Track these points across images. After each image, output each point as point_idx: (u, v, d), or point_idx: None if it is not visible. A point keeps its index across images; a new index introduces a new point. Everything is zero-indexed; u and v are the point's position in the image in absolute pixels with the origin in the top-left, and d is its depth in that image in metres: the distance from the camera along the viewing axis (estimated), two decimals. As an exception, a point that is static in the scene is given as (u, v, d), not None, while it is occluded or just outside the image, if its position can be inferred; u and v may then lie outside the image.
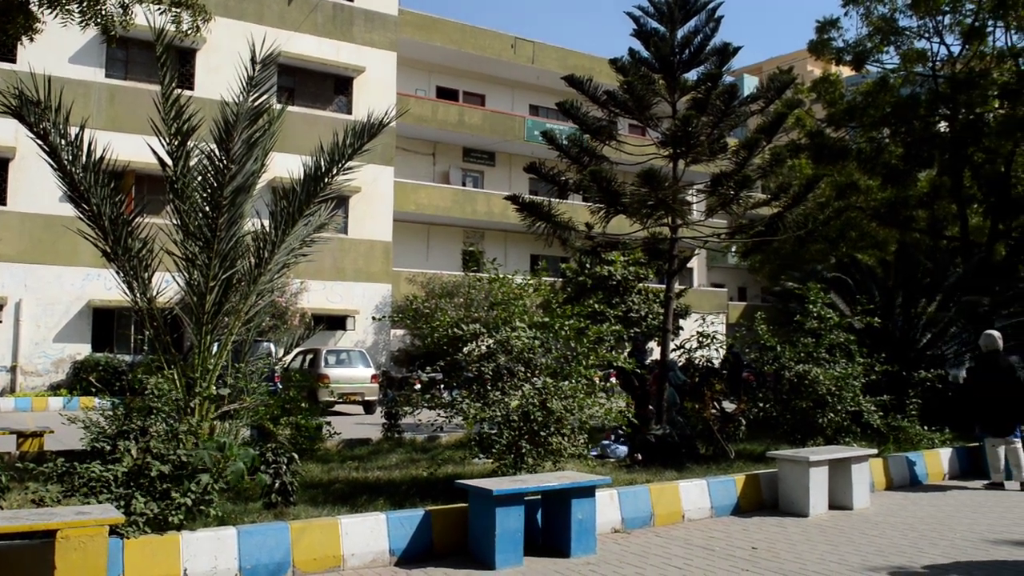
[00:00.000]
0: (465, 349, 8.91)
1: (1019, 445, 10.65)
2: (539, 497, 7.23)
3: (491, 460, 8.35)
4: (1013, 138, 20.20)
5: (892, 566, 6.65)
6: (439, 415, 8.76)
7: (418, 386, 9.79)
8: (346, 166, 8.99)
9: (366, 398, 21.08)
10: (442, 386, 10.74)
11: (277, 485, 7.11)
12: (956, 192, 22.42)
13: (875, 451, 10.07)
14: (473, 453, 8.81)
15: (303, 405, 10.36)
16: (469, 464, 9.50)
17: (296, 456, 7.42)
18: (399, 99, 30.10)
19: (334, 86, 29.88)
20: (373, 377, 21.56)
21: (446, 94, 36.08)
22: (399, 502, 7.51)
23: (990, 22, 21.53)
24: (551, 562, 6.73)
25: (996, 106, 21.50)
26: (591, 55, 37.04)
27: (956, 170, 21.92)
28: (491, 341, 8.51)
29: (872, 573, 6.43)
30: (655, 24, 12.25)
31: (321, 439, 10.77)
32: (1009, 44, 21.97)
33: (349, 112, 29.01)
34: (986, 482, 10.80)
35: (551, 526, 7.13)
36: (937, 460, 11.27)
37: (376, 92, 29.34)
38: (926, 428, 12.01)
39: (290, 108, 25.97)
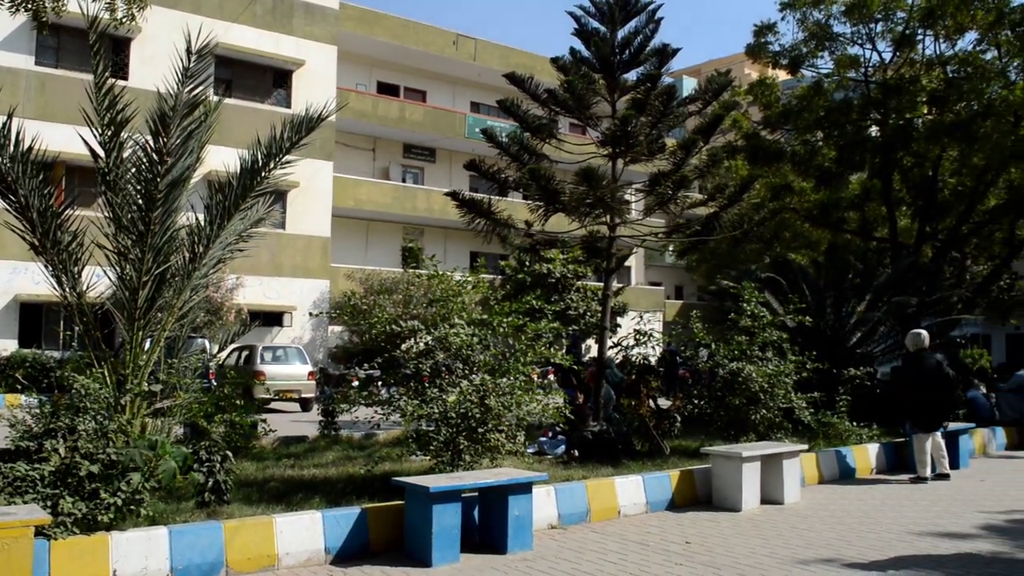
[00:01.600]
0: (404, 346, 8.89)
1: (941, 438, 11.02)
2: (476, 494, 7.24)
3: (428, 457, 8.34)
4: (940, 143, 20.78)
5: (820, 559, 6.81)
6: (376, 412, 8.72)
7: (356, 383, 9.72)
8: (284, 160, 8.89)
9: (303, 395, 20.85)
10: (380, 383, 10.68)
11: (210, 484, 7.00)
12: (886, 195, 22.99)
13: (806, 447, 10.31)
14: (410, 450, 8.78)
15: (238, 402, 10.21)
16: (406, 462, 9.47)
17: (230, 454, 7.32)
18: (339, 93, 29.83)
19: (273, 79, 29.50)
20: (310, 374, 21.34)
21: (387, 89, 35.85)
22: (335, 500, 7.46)
23: (920, 31, 22.11)
24: (488, 559, 6.75)
25: (924, 112, 22.08)
26: (533, 53, 37.13)
27: (886, 173, 22.47)
28: (429, 338, 8.49)
29: (801, 566, 6.58)
30: (596, 24, 12.34)
31: (256, 437, 10.63)
32: (938, 52, 22.61)
33: (288, 106, 28.67)
34: (912, 476, 11.14)
35: (488, 523, 7.15)
36: (865, 455, 11.56)
37: (316, 86, 29.03)
38: (855, 424, 12.32)
39: (228, 100, 25.54)
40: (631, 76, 12.48)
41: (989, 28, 20.81)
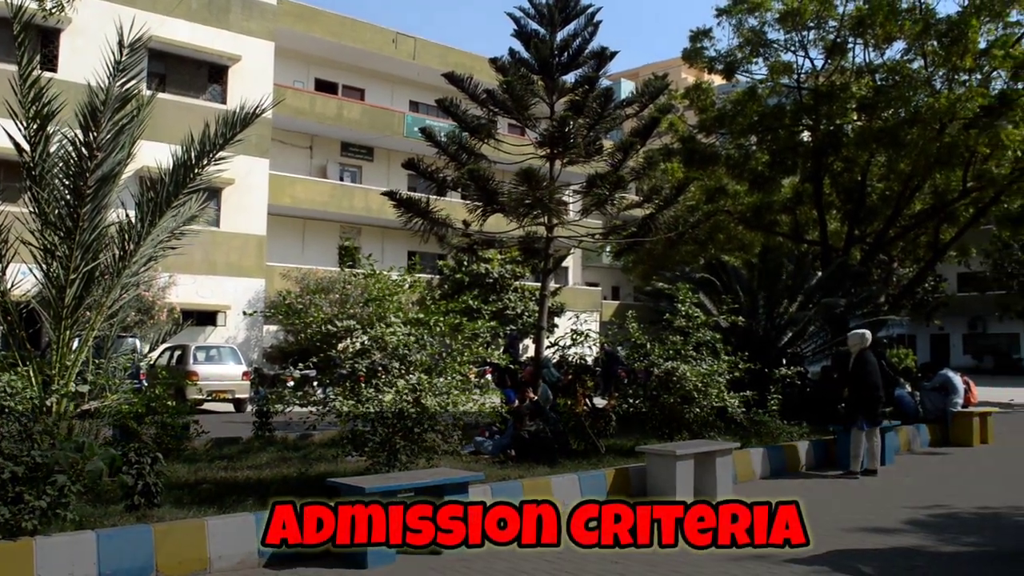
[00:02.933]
0: (340, 346, 8.81)
1: (879, 436, 11.33)
2: (413, 494, 7.21)
3: (364, 458, 8.29)
4: (869, 149, 21.32)
5: (752, 555, 6.92)
6: (312, 413, 8.63)
7: (291, 383, 9.61)
8: (218, 157, 8.74)
9: (237, 396, 20.55)
10: (315, 383, 10.58)
11: (140, 486, 6.85)
12: (817, 199, 23.51)
13: (738, 444, 10.50)
14: (346, 451, 8.72)
15: (169, 403, 10.02)
16: (342, 462, 9.39)
17: (161, 456, 7.17)
18: (276, 90, 29.41)
19: (208, 74, 28.97)
20: (244, 374, 21.04)
21: (325, 87, 35.49)
22: (269, 502, 7.36)
23: (850, 39, 22.66)
24: (424, 559, 6.73)
25: (854, 118, 22.62)
26: (472, 53, 37.09)
27: (817, 178, 22.98)
28: (365, 338, 8.44)
29: (731, 562, 6.70)
30: (535, 26, 12.42)
31: (188, 438, 10.43)
32: (867, 60, 23.22)
33: (224, 102, 28.16)
34: (843, 471, 11.42)
35: (423, 523, 7.12)
36: (795, 452, 11.81)
37: (252, 82, 28.57)
38: (785, 422, 12.56)
39: (161, 95, 24.98)
40: (570, 78, 12.58)
41: (916, 38, 21.42)
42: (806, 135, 23.18)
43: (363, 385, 8.29)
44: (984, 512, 8.80)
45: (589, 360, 12.58)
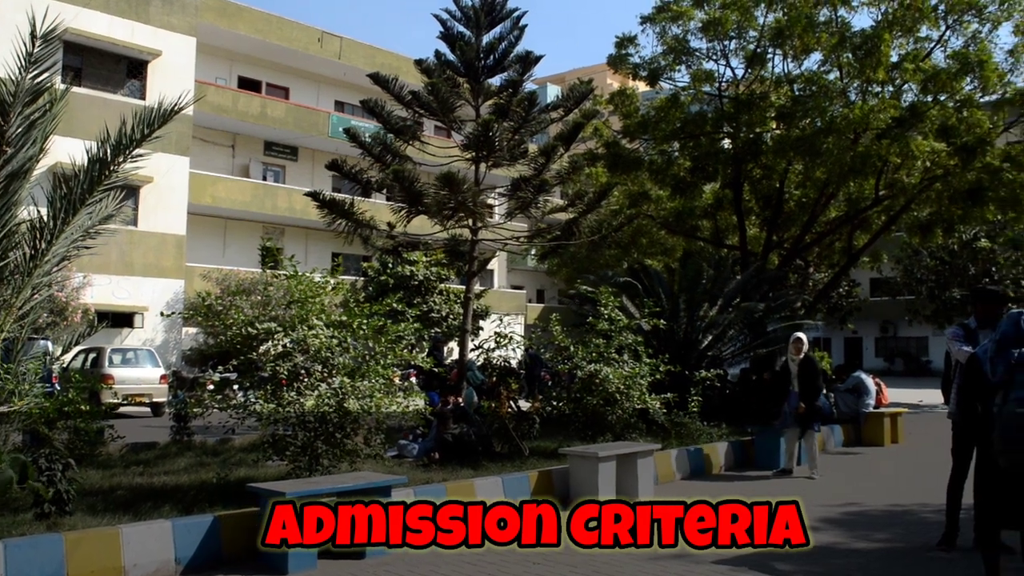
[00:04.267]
0: (261, 348, 8.69)
1: (816, 436, 11.62)
2: (335, 499, 7.15)
3: (285, 462, 8.19)
4: (786, 157, 21.81)
5: (671, 554, 7.05)
6: (231, 416, 8.49)
7: (210, 387, 9.42)
8: (136, 154, 8.52)
9: (154, 399, 20.07)
10: (236, 386, 10.40)
11: (51, 494, 6.65)
12: (737, 205, 23.97)
13: (659, 446, 10.66)
14: (267, 455, 8.60)
15: (83, 408, 9.72)
16: (263, 467, 9.25)
17: (73, 462, 6.97)
18: (197, 87, 28.85)
19: (127, 69, 28.22)
20: (162, 377, 20.55)
21: (248, 84, 34.92)
22: (187, 508, 7.22)
23: (770, 50, 23.15)
24: (346, 564, 6.68)
25: (773, 127, 23.10)
26: (399, 54, 36.95)
27: (737, 184, 23.44)
28: (287, 340, 8.34)
29: (653, 562, 6.81)
30: (462, 28, 12.43)
31: (103, 443, 10.16)
32: (786, 71, 23.75)
33: (143, 97, 27.44)
34: (777, 469, 11.73)
35: (346, 527, 7.06)
36: (715, 453, 12.04)
37: (173, 78, 27.91)
38: (705, 423, 12.81)
39: (77, 89, 24.31)
40: (495, 81, 12.63)
41: (832, 50, 22.02)
42: (727, 142, 23.60)
43: (285, 388, 8.18)
44: (894, 509, 9.11)
45: (513, 363, 12.61)
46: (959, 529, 7.24)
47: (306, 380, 8.24)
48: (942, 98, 21.85)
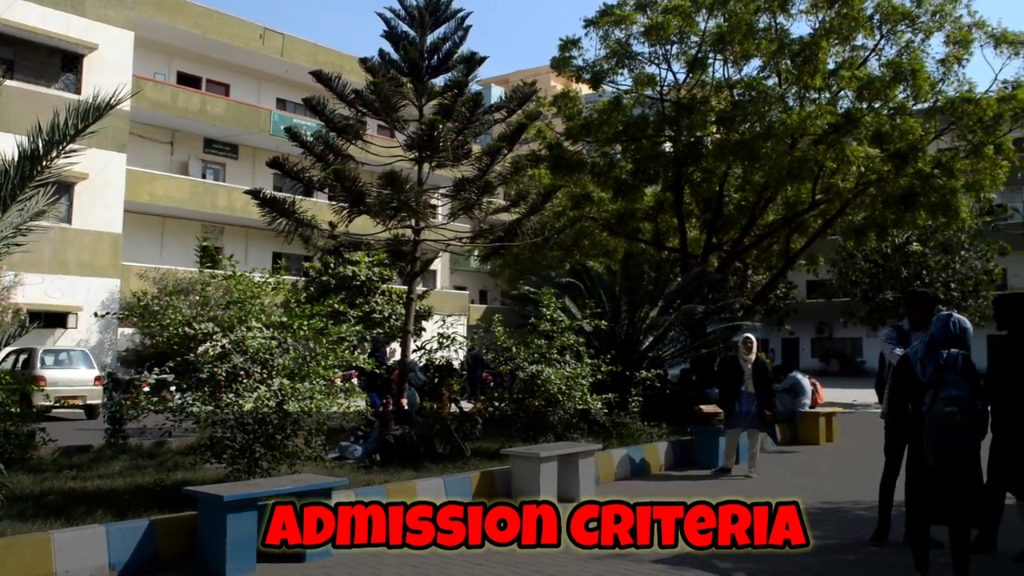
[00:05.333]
0: (200, 349, 8.55)
1: (760, 436, 11.80)
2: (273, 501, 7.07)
3: (224, 465, 8.07)
4: (726, 161, 22.14)
5: (612, 552, 7.09)
6: (168, 419, 8.34)
7: (146, 388, 9.23)
8: (69, 149, 8.31)
9: (88, 402, 19.62)
10: (173, 388, 10.21)
11: (-22, 498, 6.47)
12: (677, 207, 24.25)
13: (600, 446, 10.74)
14: (205, 458, 8.46)
15: (13, 410, 9.47)
16: (200, 470, 9.10)
17: (2, 467, 6.79)
18: (135, 82, 28.27)
19: (62, 62, 27.50)
20: (96, 379, 20.08)
21: (188, 80, 34.32)
22: (122, 513, 7.06)
23: (711, 55, 23.48)
24: (285, 567, 6.61)
25: (713, 131, 23.44)
26: (342, 52, 36.66)
27: (678, 187, 23.71)
28: (226, 341, 8.21)
29: (594, 560, 6.86)
30: (406, 28, 12.37)
31: (34, 447, 9.92)
32: (726, 76, 24.11)
33: (78, 92, 26.75)
34: (716, 468, 11.90)
35: (286, 530, 6.99)
36: (655, 453, 12.17)
37: (110, 72, 27.26)
38: (646, 423, 12.94)
39: (9, 82, 23.64)
40: (439, 81, 12.59)
41: (772, 56, 22.43)
42: (668, 146, 23.87)
43: (223, 390, 8.07)
44: (828, 506, 9.30)
45: (455, 364, 12.60)
46: (891, 525, 7.43)
47: (245, 382, 8.13)
48: (876, 105, 22.40)
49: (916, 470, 6.00)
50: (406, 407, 11.94)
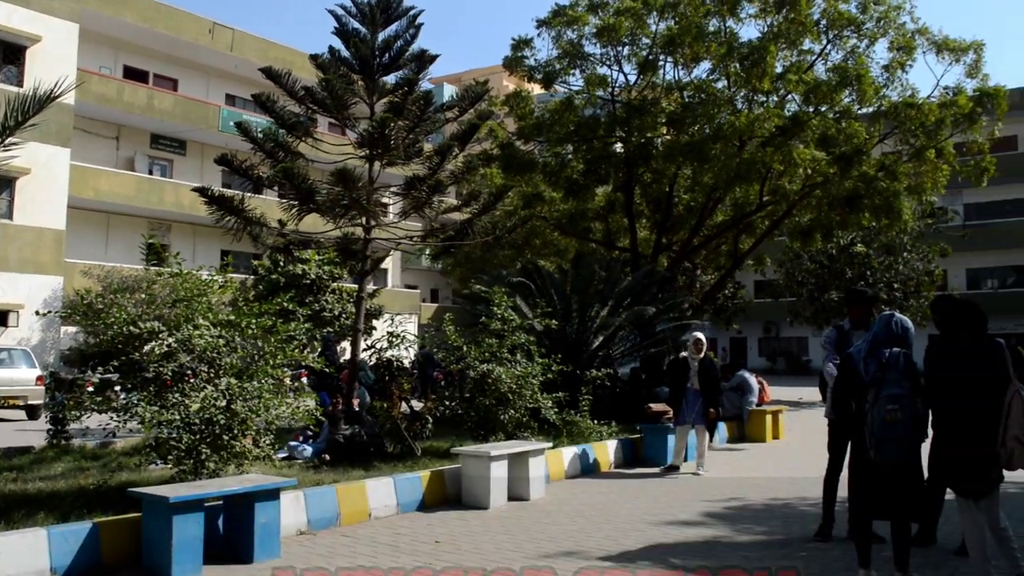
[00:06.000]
0: (145, 348, 8.41)
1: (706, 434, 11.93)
2: (221, 502, 7.00)
3: (170, 466, 7.95)
4: (676, 162, 22.39)
5: (562, 551, 7.16)
6: (112, 419, 8.19)
7: (90, 388, 9.07)
8: (9, 143, 8.14)
9: (29, 402, 19.17)
10: (117, 388, 10.04)
11: (-87, 501, 6.30)
12: (628, 207, 24.46)
13: (550, 444, 10.79)
14: (150, 459, 8.33)
15: (-50, 411, 9.24)
16: (146, 471, 8.96)
17: (-61, 468, 6.62)
18: (80, 75, 27.64)
19: (3, 54, 26.79)
20: (38, 379, 19.63)
21: (135, 75, 33.69)
22: (65, 515, 6.93)
23: (661, 57, 23.74)
24: (232, 569, 6.55)
25: (663, 132, 23.69)
26: (293, 48, 36.30)
27: (628, 187, 23.92)
28: (172, 340, 8.09)
29: (545, 559, 6.88)
30: (357, 25, 12.29)
31: (-29, 448, 9.66)
32: (676, 78, 24.38)
33: (20, 84, 26.10)
34: (664, 466, 12.00)
35: (234, 532, 6.93)
36: (605, 451, 12.25)
37: (54, 65, 26.55)
38: (596, 422, 13.02)
39: (-55, 75, 23.01)
40: (391, 79, 12.53)
41: (721, 59, 22.72)
42: (619, 146, 24.05)
43: (169, 390, 7.95)
44: (774, 503, 9.46)
45: (406, 363, 12.56)
46: (834, 520, 7.58)
47: (192, 381, 8.02)
48: (823, 109, 22.82)
49: (859, 467, 6.13)
50: (357, 407, 11.87)
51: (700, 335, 12.29)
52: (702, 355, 11.89)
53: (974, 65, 23.14)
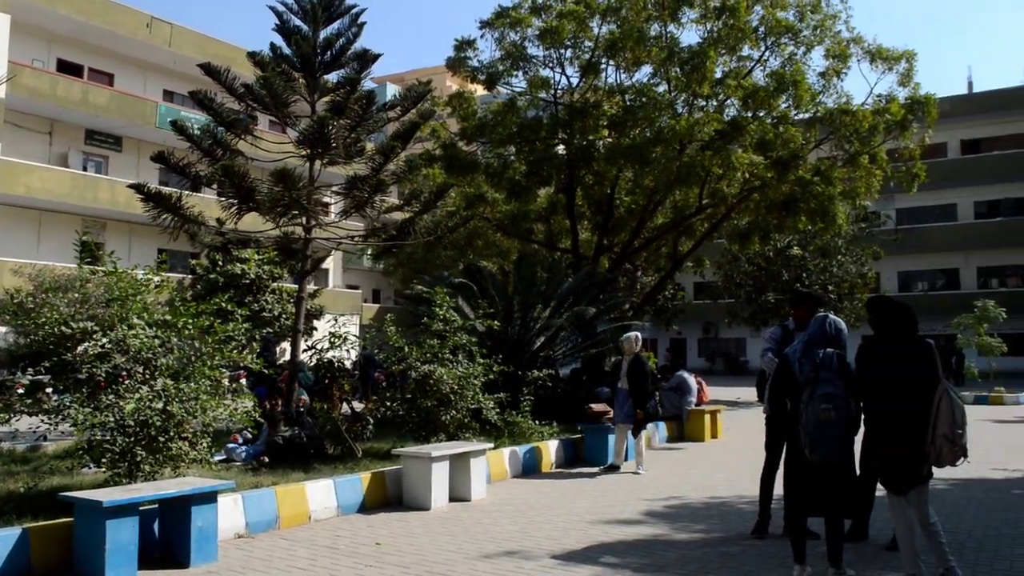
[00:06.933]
0: (78, 349, 8.21)
1: (643, 435, 12.03)
2: (156, 506, 6.88)
3: (103, 469, 7.78)
4: (617, 164, 22.54)
5: (503, 551, 7.18)
6: (43, 422, 7.99)
7: (20, 390, 8.81)
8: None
9: (-45, 404, 18.56)
10: (49, 389, 9.78)
11: None
12: (570, 209, 24.59)
13: (491, 445, 10.81)
14: (83, 462, 8.14)
15: None
16: (79, 475, 8.77)
17: None
18: (11, 68, 26.89)
19: (-73, 45, 26.01)
20: (-36, 380, 19.04)
21: (69, 68, 32.86)
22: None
23: (604, 60, 23.89)
24: (168, 574, 6.45)
25: (605, 135, 23.82)
26: (232, 45, 35.75)
27: (570, 189, 24.04)
28: (105, 340, 7.92)
29: (485, 560, 6.90)
30: (299, 22, 12.19)
31: None
32: (618, 81, 24.57)
33: (-54, 76, 25.37)
34: (605, 465, 12.12)
35: (170, 536, 6.82)
36: (547, 451, 12.31)
37: (-19, 57, 25.93)
38: (537, 422, 13.08)
39: None
40: (332, 78, 12.46)
41: (662, 64, 22.96)
42: (561, 148, 24.14)
43: (103, 391, 7.78)
44: (713, 501, 9.60)
45: (347, 363, 12.46)
46: (771, 517, 7.73)
47: (126, 382, 7.86)
48: (761, 114, 23.20)
49: (794, 464, 6.26)
50: (301, 408, 11.76)
51: (631, 334, 12.46)
52: (631, 356, 12.05)
53: (906, 74, 23.76)
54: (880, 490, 6.85)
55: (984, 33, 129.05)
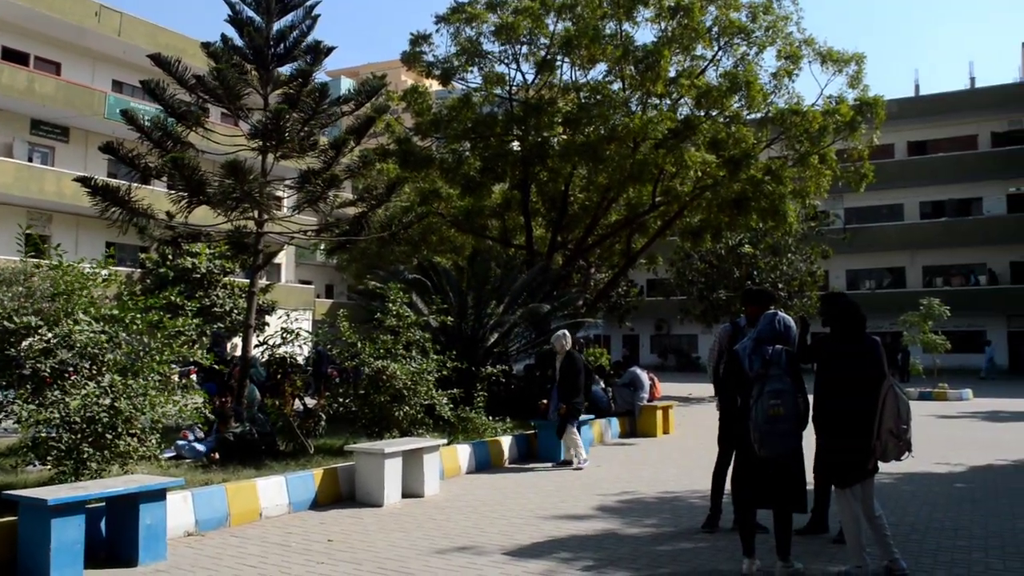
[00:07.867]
0: (23, 344, 8.05)
1: (572, 431, 12.11)
2: (103, 504, 6.76)
3: (48, 467, 7.63)
4: (571, 161, 22.61)
5: (456, 547, 7.19)
6: (-15, 418, 7.82)
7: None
8: None
9: None
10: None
11: None
12: (524, 206, 24.61)
13: (445, 441, 10.81)
14: (27, 460, 7.97)
15: None
16: (23, 473, 8.58)
17: None
18: (-50, 56, 26.20)
19: None
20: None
21: (14, 56, 32.05)
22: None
23: (559, 57, 23.92)
24: (115, 573, 6.36)
25: (560, 132, 23.86)
26: (184, 35, 35.20)
27: (525, 186, 24.06)
28: (51, 335, 7.77)
29: (439, 556, 6.90)
30: (252, 13, 12.08)
31: None
32: (573, 79, 24.61)
33: None
34: (557, 461, 12.23)
35: (117, 535, 6.71)
36: (500, 447, 12.34)
37: (-81, 44, 25.19)
38: (491, 418, 13.10)
39: None
40: (286, 70, 12.34)
41: (616, 62, 23.06)
42: (515, 144, 24.14)
43: (48, 387, 7.63)
44: (664, 496, 9.70)
45: (300, 359, 12.35)
46: (721, 512, 7.84)
47: (72, 378, 7.72)
48: (714, 113, 23.41)
49: (743, 459, 6.35)
50: (244, 403, 11.63)
51: (560, 333, 12.70)
52: (563, 354, 12.30)
53: (855, 76, 24.13)
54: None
55: (929, 39, 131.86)
